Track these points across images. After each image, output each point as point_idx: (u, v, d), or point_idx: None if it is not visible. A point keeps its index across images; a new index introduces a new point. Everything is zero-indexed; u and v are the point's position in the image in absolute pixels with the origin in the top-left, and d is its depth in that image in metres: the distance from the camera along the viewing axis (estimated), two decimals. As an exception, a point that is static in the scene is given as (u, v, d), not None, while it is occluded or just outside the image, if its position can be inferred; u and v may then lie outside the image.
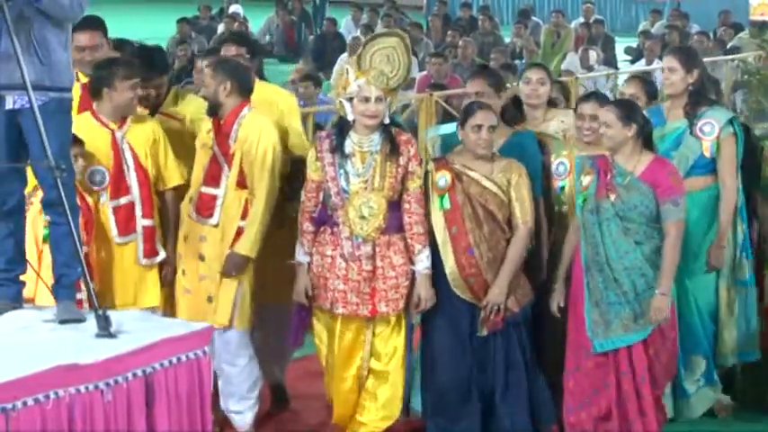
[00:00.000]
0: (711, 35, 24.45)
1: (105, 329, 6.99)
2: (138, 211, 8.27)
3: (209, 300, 8.23)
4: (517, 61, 20.63)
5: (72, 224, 7.11)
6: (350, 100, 7.73)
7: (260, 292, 8.24)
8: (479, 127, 7.75)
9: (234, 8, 28.37)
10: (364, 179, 7.74)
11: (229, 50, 8.68)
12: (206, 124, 8.24)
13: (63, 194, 7.03)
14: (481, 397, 7.93)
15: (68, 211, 7.06)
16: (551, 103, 8.82)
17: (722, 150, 8.37)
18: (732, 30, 24.58)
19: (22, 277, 7.42)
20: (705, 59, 19.75)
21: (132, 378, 6.87)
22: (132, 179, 8.25)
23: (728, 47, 22.24)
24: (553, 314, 8.06)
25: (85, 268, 7.23)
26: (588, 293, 7.85)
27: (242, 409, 8.37)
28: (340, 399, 8.05)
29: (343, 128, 7.78)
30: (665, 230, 7.75)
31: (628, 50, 26.33)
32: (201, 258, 8.21)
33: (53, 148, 6.97)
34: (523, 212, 7.86)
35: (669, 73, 8.53)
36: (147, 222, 8.32)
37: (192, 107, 8.68)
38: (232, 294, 8.19)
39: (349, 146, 7.76)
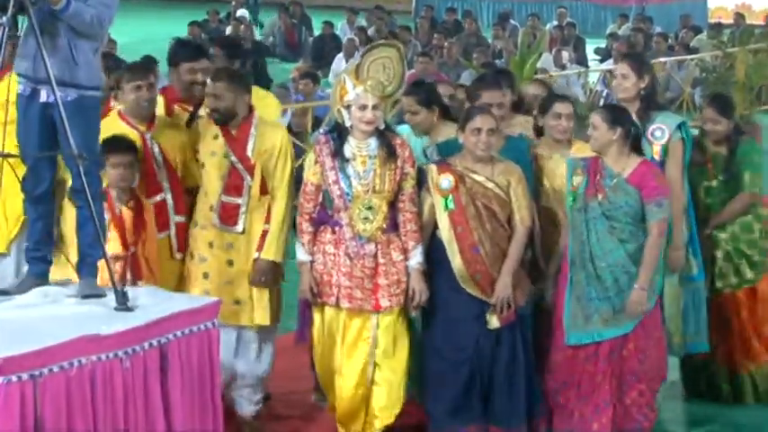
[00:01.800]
0: (673, 37, 24.43)
1: (123, 304, 7.01)
2: (171, 209, 8.16)
3: (237, 302, 8.02)
4: (498, 61, 20.64)
5: (94, 210, 7.12)
6: (348, 108, 7.55)
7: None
8: (479, 130, 7.56)
9: (240, 12, 28.33)
10: (366, 182, 7.53)
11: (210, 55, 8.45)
12: (210, 130, 8.01)
13: (85, 182, 7.05)
14: (482, 387, 7.71)
15: (90, 198, 7.08)
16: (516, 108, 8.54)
17: (671, 154, 8.11)
18: (692, 32, 24.57)
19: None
20: (668, 58, 19.90)
21: (148, 347, 6.87)
22: (163, 178, 8.12)
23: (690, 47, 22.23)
24: (547, 306, 7.92)
25: (106, 250, 7.26)
26: (570, 287, 7.68)
27: (256, 398, 8.19)
28: (346, 395, 7.72)
29: (341, 133, 7.61)
30: (649, 230, 7.59)
31: (597, 51, 26.34)
32: (230, 264, 8.01)
33: (78, 139, 6.98)
34: (522, 212, 7.65)
35: (622, 79, 8.26)
36: (180, 219, 8.18)
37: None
38: (266, 295, 8.00)
39: (349, 150, 7.57)
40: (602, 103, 18.12)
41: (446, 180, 7.60)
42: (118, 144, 7.83)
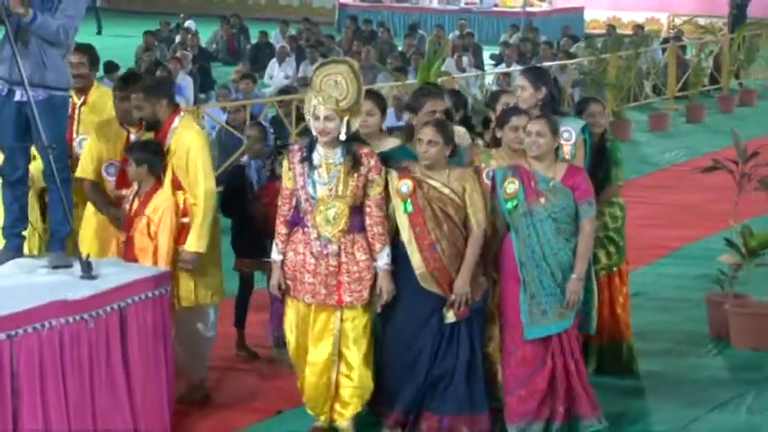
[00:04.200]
0: (556, 45, 24.53)
1: (88, 273, 6.98)
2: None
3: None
4: (409, 67, 20.62)
5: (62, 192, 7.07)
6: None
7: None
8: (420, 141, 7.22)
9: (188, 23, 28.12)
10: (329, 188, 7.09)
11: (74, 58, 7.86)
12: (146, 134, 7.73)
13: (54, 169, 7.01)
14: (440, 377, 7.25)
15: (59, 183, 7.05)
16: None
17: (577, 153, 7.73)
18: (571, 40, 24.66)
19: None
20: (552, 63, 19.99)
21: (110, 311, 6.85)
22: None
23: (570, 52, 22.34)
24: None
25: (73, 225, 7.21)
26: (524, 287, 7.17)
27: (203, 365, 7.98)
28: (311, 383, 7.30)
29: (312, 142, 7.19)
30: (581, 226, 7.20)
31: (492, 56, 26.36)
32: None
33: (48, 132, 6.94)
34: (477, 215, 7.22)
35: (521, 90, 7.91)
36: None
37: None
38: (191, 282, 7.70)
39: (317, 158, 7.16)
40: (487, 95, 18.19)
41: (405, 185, 7.21)
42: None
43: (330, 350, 7.23)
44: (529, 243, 7.17)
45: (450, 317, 7.21)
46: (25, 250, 7.48)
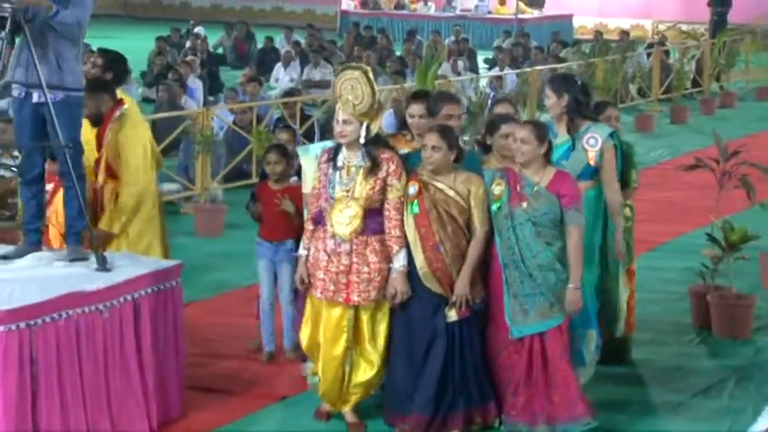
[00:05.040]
0: (546, 50, 24.51)
1: (103, 265, 6.97)
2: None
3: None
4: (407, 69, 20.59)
5: (78, 189, 7.06)
6: None
7: None
8: (425, 146, 7.09)
9: (197, 29, 28.08)
10: (346, 189, 6.99)
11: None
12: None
13: (71, 167, 6.99)
14: (443, 374, 7.09)
15: (75, 180, 7.02)
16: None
17: (605, 160, 7.59)
18: (561, 45, 24.64)
19: None
20: (543, 66, 19.97)
21: (124, 302, 6.84)
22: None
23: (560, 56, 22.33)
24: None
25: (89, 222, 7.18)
26: (507, 287, 7.01)
27: None
28: (328, 375, 7.17)
29: (340, 145, 7.10)
30: (568, 232, 6.96)
31: (486, 60, 26.34)
32: None
33: (65, 132, 6.92)
34: (481, 218, 7.07)
35: (547, 99, 7.76)
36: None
37: None
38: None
39: (341, 160, 7.09)
40: (489, 102, 18.18)
41: (412, 187, 7.09)
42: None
43: (345, 346, 7.11)
44: (510, 245, 7.00)
45: (452, 316, 7.09)
46: None
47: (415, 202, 7.08)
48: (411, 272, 7.09)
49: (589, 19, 34.19)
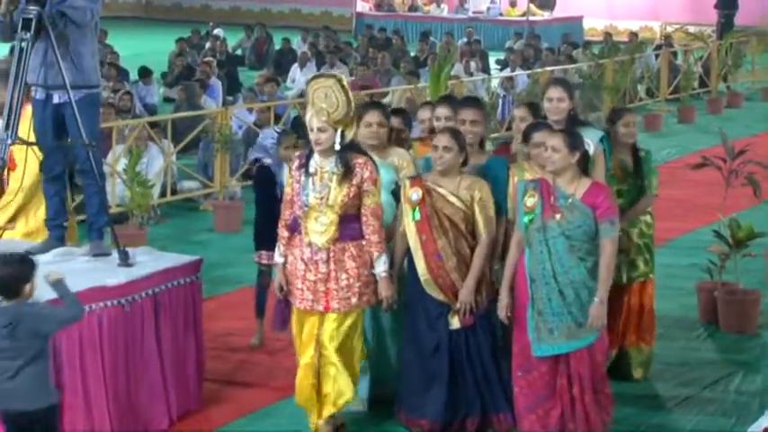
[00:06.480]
0: (557, 51, 24.46)
1: (124, 261, 6.96)
2: None
3: None
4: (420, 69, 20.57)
5: (99, 185, 7.06)
6: None
7: None
8: (435, 147, 6.93)
9: (217, 31, 28.08)
10: (320, 196, 6.67)
11: None
12: None
13: (93, 163, 6.99)
14: (451, 381, 6.92)
15: (97, 176, 7.03)
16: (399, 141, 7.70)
17: (596, 164, 7.16)
18: (571, 47, 24.58)
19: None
20: (554, 67, 19.93)
21: (144, 296, 6.84)
22: None
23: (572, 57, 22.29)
24: (502, 321, 6.83)
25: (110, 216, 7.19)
26: (532, 303, 6.56)
27: None
28: (301, 385, 6.87)
29: (311, 151, 6.83)
30: (601, 246, 6.50)
31: (498, 61, 26.29)
32: None
33: (87, 129, 6.92)
34: (486, 225, 6.85)
35: (558, 102, 7.45)
36: None
37: None
38: None
39: (313, 166, 6.72)
40: (500, 102, 18.17)
41: (415, 193, 6.91)
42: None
43: (313, 353, 6.83)
44: (540, 259, 6.55)
45: (455, 324, 6.89)
46: None
47: (417, 208, 6.89)
48: (415, 278, 6.93)
49: (599, 21, 34.07)
